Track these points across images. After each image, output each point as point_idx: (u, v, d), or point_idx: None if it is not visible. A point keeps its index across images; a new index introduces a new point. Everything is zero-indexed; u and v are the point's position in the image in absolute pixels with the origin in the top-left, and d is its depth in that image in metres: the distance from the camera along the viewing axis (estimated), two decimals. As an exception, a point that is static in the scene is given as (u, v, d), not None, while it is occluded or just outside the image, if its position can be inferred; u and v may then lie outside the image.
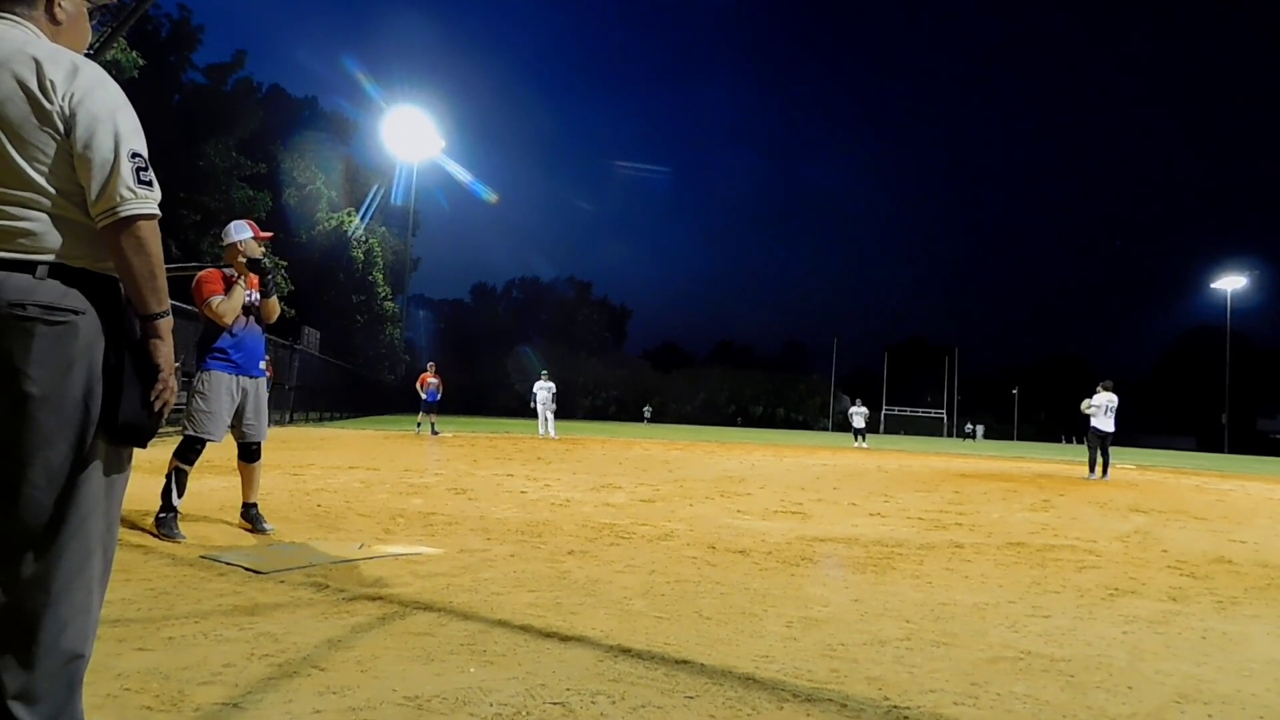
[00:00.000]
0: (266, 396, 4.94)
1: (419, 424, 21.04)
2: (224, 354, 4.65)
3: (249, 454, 4.82)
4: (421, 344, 68.57)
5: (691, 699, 2.28)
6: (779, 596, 3.64)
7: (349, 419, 30.05)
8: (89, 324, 1.62)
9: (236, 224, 4.81)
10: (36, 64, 1.60)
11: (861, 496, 8.66)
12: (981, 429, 67.64)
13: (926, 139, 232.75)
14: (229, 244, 4.73)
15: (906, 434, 67.38)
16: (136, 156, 1.66)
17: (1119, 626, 3.36)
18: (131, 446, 1.73)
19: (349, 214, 40.35)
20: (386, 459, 10.88)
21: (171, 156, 25.80)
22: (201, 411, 4.56)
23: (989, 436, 68.69)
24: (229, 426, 4.69)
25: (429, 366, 20.92)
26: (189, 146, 28.42)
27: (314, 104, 44.37)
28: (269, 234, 5.04)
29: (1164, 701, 2.45)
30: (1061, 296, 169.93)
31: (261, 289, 4.82)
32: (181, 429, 4.73)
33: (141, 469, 5.60)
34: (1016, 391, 77.14)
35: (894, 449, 27.15)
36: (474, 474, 9.22)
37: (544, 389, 21.33)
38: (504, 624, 2.96)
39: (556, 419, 22.20)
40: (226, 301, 4.61)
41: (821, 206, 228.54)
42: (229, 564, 3.81)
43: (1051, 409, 75.70)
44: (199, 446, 4.61)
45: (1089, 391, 14.15)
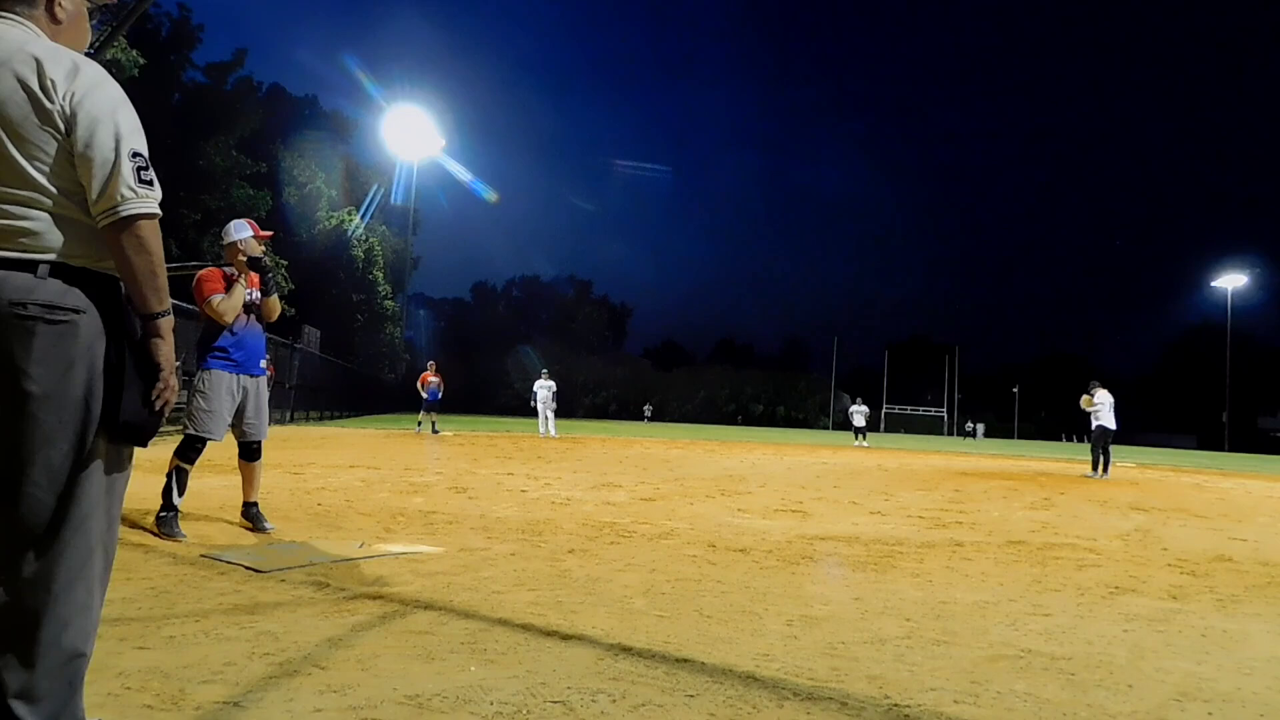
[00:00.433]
0: (267, 395, 4.94)
1: (419, 423, 21.05)
2: (225, 353, 4.65)
3: (249, 453, 4.82)
4: (422, 343, 68.67)
5: (692, 697, 2.28)
6: (779, 595, 3.65)
7: (349, 418, 30.07)
8: (90, 323, 1.62)
9: (236, 223, 4.81)
10: (37, 63, 1.60)
11: (862, 495, 8.66)
12: (982, 427, 67.63)
13: (927, 138, 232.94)
14: (229, 243, 4.73)
15: (907, 432, 67.33)
16: (137, 156, 1.66)
17: (1119, 624, 3.36)
18: (132, 445, 1.73)
19: (349, 213, 40.37)
20: (387, 458, 10.89)
21: (172, 155, 25.82)
22: (202, 410, 4.56)
23: (990, 435, 68.68)
24: (229, 425, 4.70)
25: (430, 365, 20.93)
26: (189, 146, 28.43)
27: (314, 103, 44.43)
28: (269, 233, 5.04)
29: (1164, 699, 2.45)
30: (1062, 295, 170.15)
31: (262, 287, 4.82)
32: (182, 428, 4.74)
33: (142, 468, 5.60)
34: (1017, 390, 77.11)
35: (894, 447, 27.15)
36: (474, 473, 9.22)
37: (544, 388, 21.33)
38: (505, 623, 2.97)
39: (557, 418, 22.20)
40: (227, 300, 4.61)
41: (822, 205, 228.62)
42: (230, 563, 3.81)
43: (1052, 407, 75.67)
44: (199, 445, 4.61)
45: (1081, 392, 14.18)
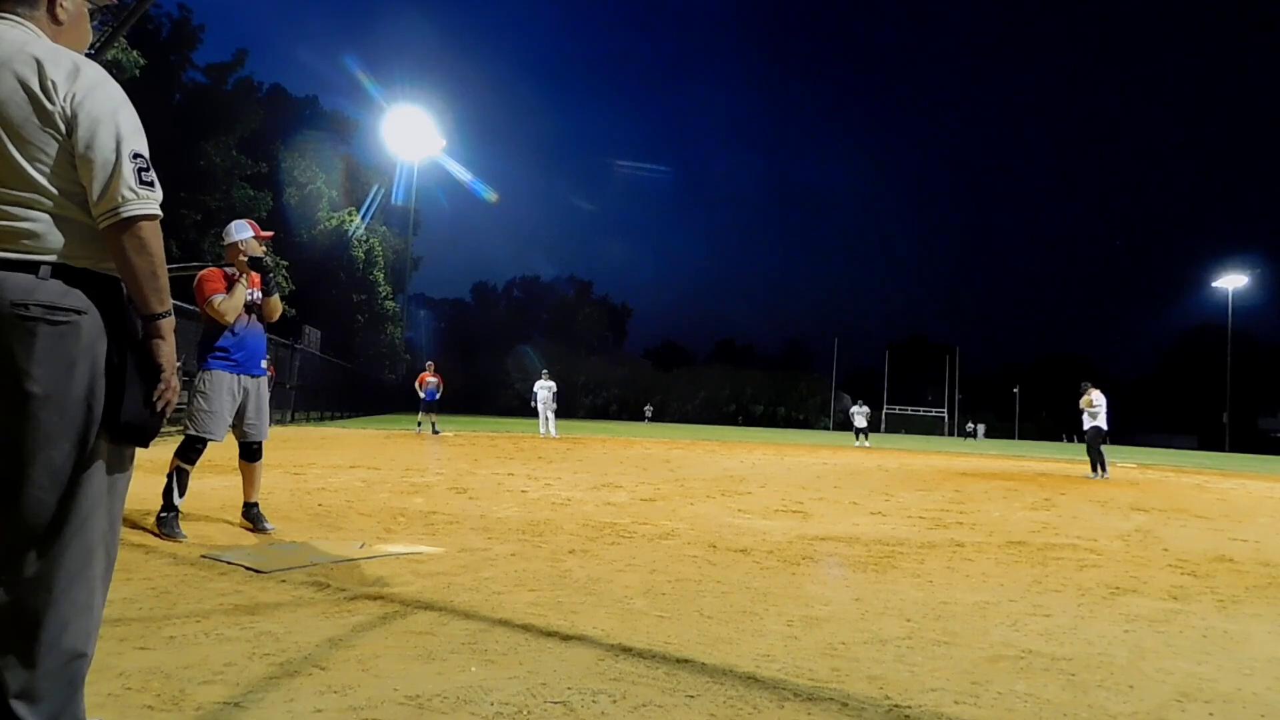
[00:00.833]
0: (268, 396, 4.94)
1: (419, 423, 21.06)
2: (225, 353, 4.65)
3: (250, 453, 4.82)
4: (422, 343, 68.54)
5: (693, 698, 2.28)
6: (780, 595, 3.65)
7: (350, 418, 30.07)
8: (91, 324, 1.62)
9: (237, 223, 4.81)
10: (38, 64, 1.60)
11: (862, 495, 8.66)
12: (983, 428, 67.59)
13: (927, 137, 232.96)
14: (230, 243, 4.73)
15: (907, 433, 67.32)
16: (138, 157, 1.67)
17: (1120, 625, 3.36)
18: (133, 446, 1.73)
19: (350, 213, 40.36)
20: (387, 458, 10.89)
21: (172, 156, 25.82)
22: (203, 411, 4.56)
23: (990, 435, 68.63)
24: (230, 426, 4.70)
25: (428, 366, 20.94)
26: (190, 146, 28.42)
27: (315, 103, 44.38)
28: (270, 233, 5.04)
29: (1165, 700, 2.45)
30: (1063, 295, 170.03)
31: (263, 288, 4.82)
32: (183, 428, 4.74)
33: (143, 468, 5.60)
34: (1018, 390, 77.08)
35: (895, 448, 27.15)
36: (475, 473, 9.22)
37: (544, 388, 21.33)
38: (505, 623, 2.97)
39: (557, 418, 22.20)
40: (228, 300, 4.61)
41: (822, 205, 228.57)
42: (230, 563, 3.81)
43: (1053, 408, 75.59)
44: (200, 446, 4.61)
45: (1081, 390, 14.18)
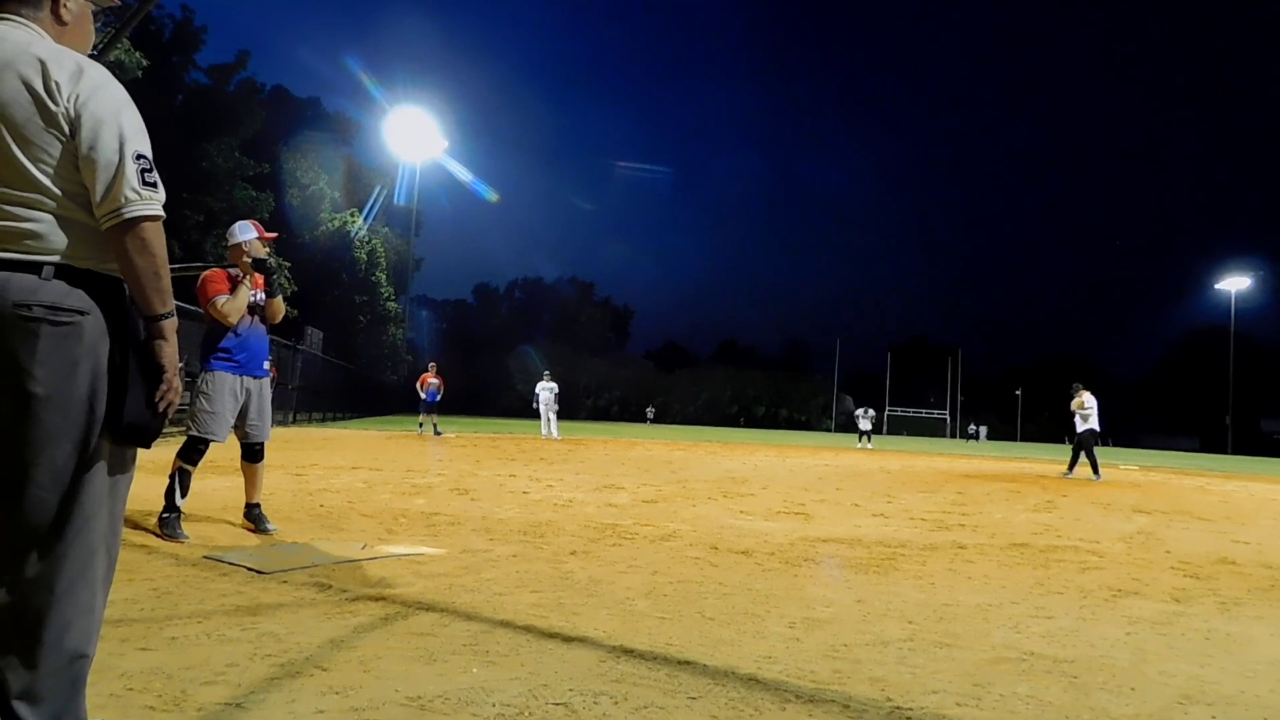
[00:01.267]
0: (270, 397, 4.94)
1: (420, 424, 21.06)
2: (228, 354, 4.65)
3: (252, 454, 4.83)
4: (424, 344, 68.53)
5: (694, 700, 2.28)
6: (782, 597, 3.64)
7: (351, 419, 30.08)
8: (94, 324, 1.62)
9: (241, 224, 4.82)
10: (42, 65, 1.60)
11: (864, 497, 8.65)
12: (985, 430, 67.49)
13: (929, 138, 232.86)
14: (234, 244, 4.74)
15: (909, 434, 67.30)
16: (141, 158, 1.67)
17: (1122, 627, 3.35)
18: (136, 447, 1.73)
19: (352, 214, 40.42)
20: (389, 459, 10.89)
21: (175, 157, 25.88)
22: (205, 412, 4.57)
23: (992, 437, 68.54)
24: (232, 427, 4.70)
25: (430, 367, 20.94)
26: (192, 147, 28.50)
27: (317, 104, 44.55)
28: (273, 234, 5.04)
29: (1167, 703, 2.45)
30: (1065, 297, 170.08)
31: (266, 289, 4.82)
32: (185, 429, 4.74)
33: (145, 469, 5.61)
34: (1020, 392, 77.06)
35: (897, 449, 27.13)
36: (476, 474, 9.22)
37: (546, 389, 21.32)
38: (506, 624, 2.97)
39: (559, 419, 22.20)
40: (231, 301, 4.61)
41: (824, 206, 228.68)
42: (232, 564, 3.81)
43: (1055, 410, 75.45)
44: (202, 447, 4.62)
45: (1072, 393, 14.21)
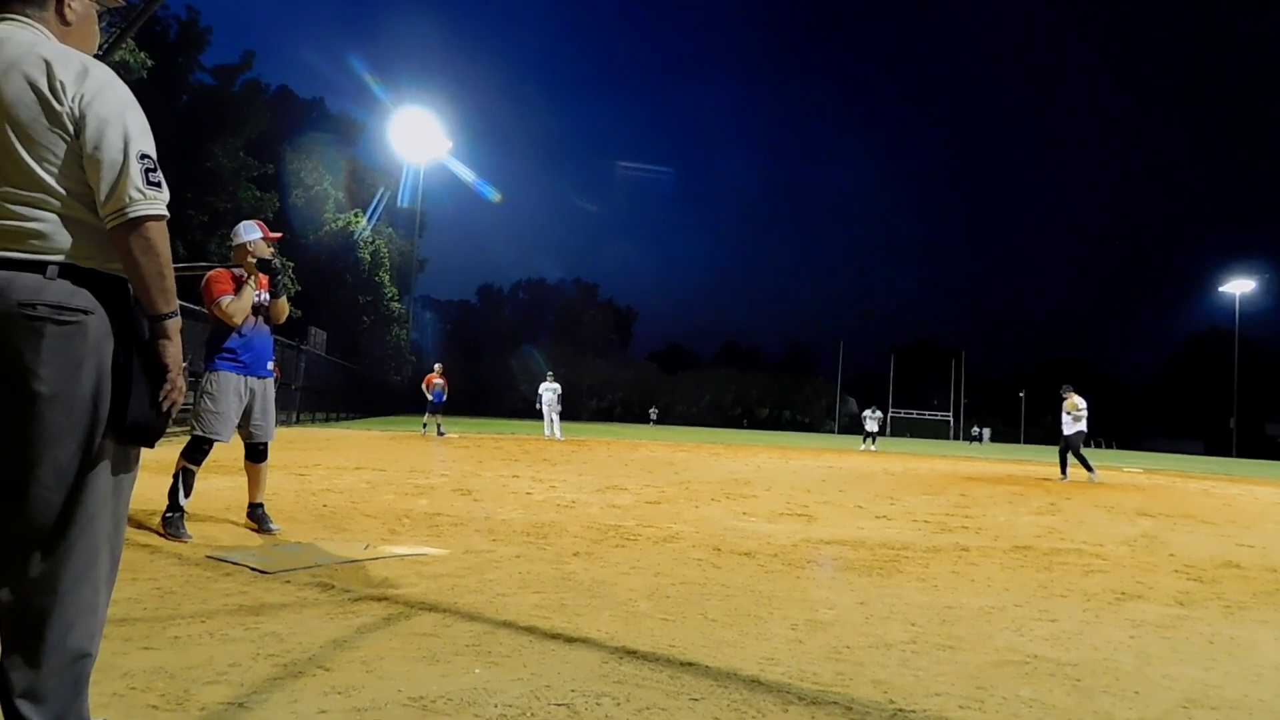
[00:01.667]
0: (274, 397, 4.95)
1: (424, 425, 21.08)
2: (232, 354, 4.66)
3: (256, 454, 4.83)
4: (427, 345, 68.67)
5: (696, 701, 2.28)
6: (784, 599, 3.64)
7: (355, 419, 30.11)
8: (98, 324, 1.63)
9: (246, 224, 4.82)
10: (47, 65, 1.61)
11: (867, 499, 8.64)
12: (988, 432, 67.38)
13: (933, 140, 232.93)
14: (239, 244, 4.74)
15: (913, 436, 67.19)
16: (145, 158, 1.67)
17: (1126, 631, 3.34)
18: (139, 446, 1.74)
19: (355, 215, 40.47)
20: (392, 460, 10.90)
21: (179, 157, 25.94)
22: (209, 412, 4.57)
23: (996, 439, 68.44)
24: (236, 427, 4.71)
25: (435, 367, 20.94)
26: (197, 147, 28.56)
27: (321, 105, 44.63)
28: (278, 234, 5.04)
29: (1171, 706, 2.44)
30: (1069, 299, 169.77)
31: (271, 290, 4.83)
32: (189, 429, 4.75)
33: (149, 469, 5.62)
34: (1023, 394, 76.85)
35: (900, 451, 27.08)
36: (479, 475, 9.22)
37: (549, 390, 21.32)
38: (509, 625, 2.97)
39: (562, 420, 22.20)
40: (236, 302, 4.62)
41: (827, 208, 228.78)
42: (235, 564, 3.82)
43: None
44: (206, 447, 4.62)
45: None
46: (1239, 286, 65.57)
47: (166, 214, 1.70)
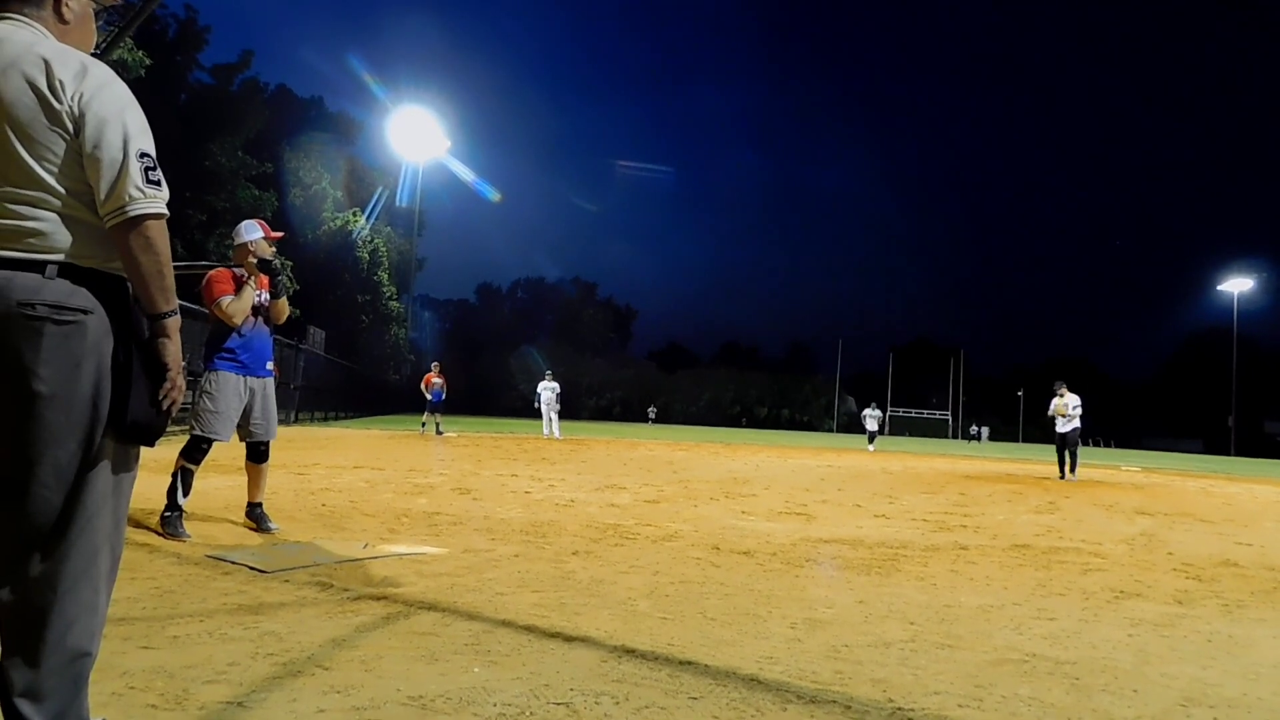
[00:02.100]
0: (274, 396, 4.94)
1: (423, 424, 21.08)
2: (232, 354, 4.66)
3: (257, 454, 4.83)
4: (426, 344, 68.48)
5: (695, 700, 2.28)
6: (783, 598, 3.64)
7: (354, 419, 30.10)
8: (97, 323, 1.63)
9: (247, 224, 4.81)
10: (45, 64, 1.61)
11: (866, 498, 8.65)
12: (987, 431, 67.37)
13: (932, 140, 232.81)
14: (240, 244, 4.73)
15: (911, 435, 67.22)
16: (145, 156, 1.67)
17: (1124, 629, 3.35)
18: (139, 445, 1.74)
19: (354, 214, 40.44)
20: (391, 459, 10.90)
21: (178, 156, 25.90)
22: (209, 411, 4.57)
23: (994, 438, 68.42)
24: (236, 427, 4.70)
25: (434, 366, 20.95)
26: (195, 146, 28.53)
27: (320, 104, 44.57)
28: (279, 234, 5.03)
29: (1170, 705, 2.44)
30: (1068, 298, 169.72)
31: (271, 290, 4.83)
32: (188, 428, 4.75)
33: (148, 468, 5.62)
34: (1022, 393, 76.85)
35: (899, 450, 27.10)
36: (478, 474, 9.23)
37: (548, 389, 21.32)
38: (508, 624, 2.97)
39: (561, 419, 22.20)
40: (236, 302, 4.61)
41: (826, 207, 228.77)
42: (234, 563, 3.82)
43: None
44: (205, 446, 4.62)
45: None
46: (1237, 285, 65.64)
47: (166, 213, 1.70)
